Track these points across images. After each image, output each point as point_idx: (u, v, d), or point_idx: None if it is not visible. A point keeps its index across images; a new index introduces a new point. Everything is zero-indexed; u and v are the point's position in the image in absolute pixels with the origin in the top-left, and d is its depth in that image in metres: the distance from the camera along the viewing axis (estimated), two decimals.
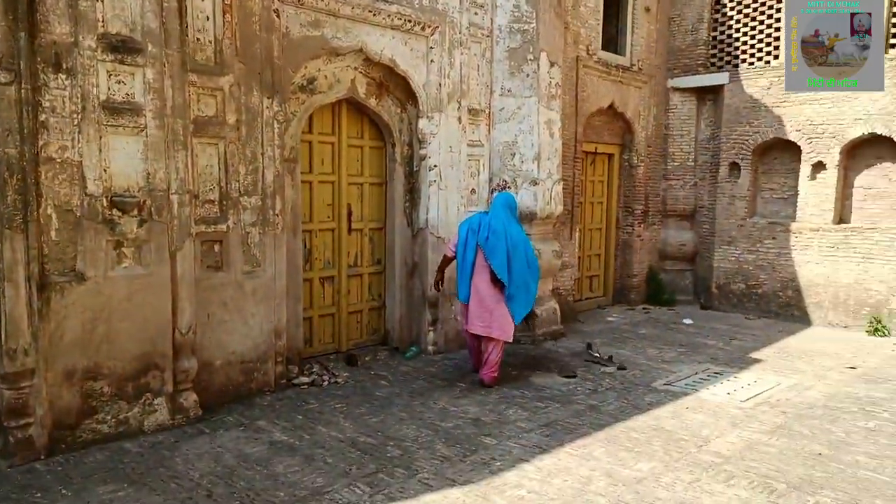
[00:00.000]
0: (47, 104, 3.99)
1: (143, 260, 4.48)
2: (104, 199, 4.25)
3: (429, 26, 6.59)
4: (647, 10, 9.59)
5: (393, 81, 6.63)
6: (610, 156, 9.84)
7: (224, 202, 5.12)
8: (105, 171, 4.24)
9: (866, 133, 8.31)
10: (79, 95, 4.10)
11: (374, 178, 6.95)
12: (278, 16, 5.42)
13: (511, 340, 6.04)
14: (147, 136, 4.42)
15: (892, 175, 8.34)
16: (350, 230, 6.76)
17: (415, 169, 6.92)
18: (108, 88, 4.24)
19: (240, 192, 5.21)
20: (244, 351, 5.37)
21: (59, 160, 4.05)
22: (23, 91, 3.85)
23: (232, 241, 5.19)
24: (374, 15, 6.10)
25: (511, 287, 5.78)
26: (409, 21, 6.40)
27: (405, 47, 6.48)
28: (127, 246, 4.39)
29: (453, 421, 4.98)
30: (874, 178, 8.54)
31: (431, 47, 6.67)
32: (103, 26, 4.19)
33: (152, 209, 4.48)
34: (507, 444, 4.55)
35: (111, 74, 4.24)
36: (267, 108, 5.36)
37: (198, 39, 4.85)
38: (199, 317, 4.92)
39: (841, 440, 4.74)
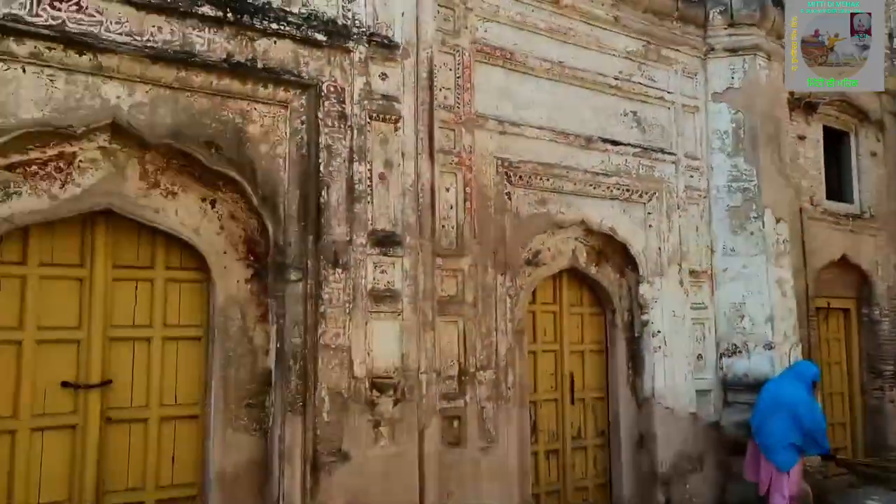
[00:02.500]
0: (326, 296, 4.45)
1: (397, 439, 4.64)
2: (367, 381, 4.54)
3: (646, 193, 6.65)
4: (874, 154, 8.99)
5: (611, 248, 6.65)
6: (846, 311, 8.91)
7: (462, 377, 5.25)
8: (368, 354, 4.57)
9: None
10: (351, 287, 4.55)
11: (594, 344, 6.83)
12: (510, 198, 5.77)
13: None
14: (403, 320, 4.75)
15: None
16: (573, 400, 6.58)
17: (636, 335, 6.71)
18: (374, 278, 4.67)
19: (476, 366, 5.32)
20: None
21: (332, 346, 4.43)
22: (308, 286, 4.35)
23: (469, 416, 5.24)
24: (595, 188, 6.30)
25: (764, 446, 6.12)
26: (628, 190, 6.52)
27: (624, 215, 6.55)
28: (383, 425, 4.60)
29: None
30: None
31: (649, 213, 6.68)
32: (371, 224, 4.71)
33: (405, 389, 4.70)
34: None
35: (376, 266, 4.70)
36: (500, 283, 5.58)
37: (443, 227, 5.26)
38: (439, 495, 4.91)
39: None
